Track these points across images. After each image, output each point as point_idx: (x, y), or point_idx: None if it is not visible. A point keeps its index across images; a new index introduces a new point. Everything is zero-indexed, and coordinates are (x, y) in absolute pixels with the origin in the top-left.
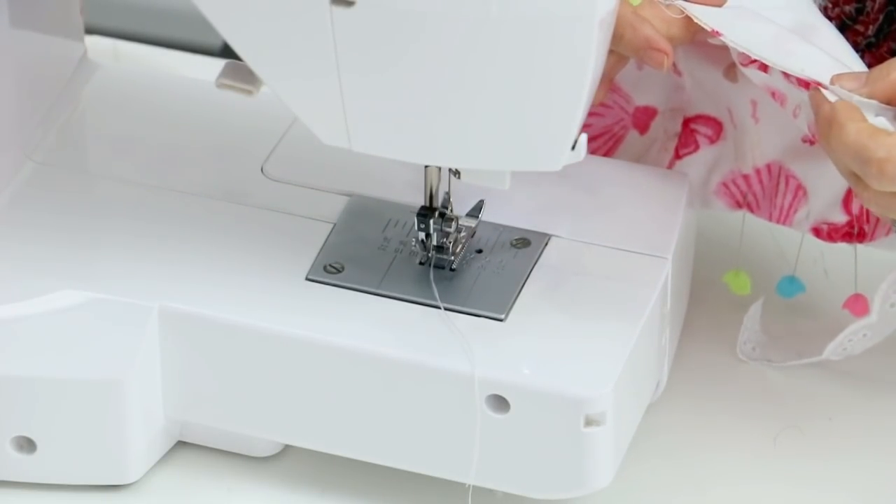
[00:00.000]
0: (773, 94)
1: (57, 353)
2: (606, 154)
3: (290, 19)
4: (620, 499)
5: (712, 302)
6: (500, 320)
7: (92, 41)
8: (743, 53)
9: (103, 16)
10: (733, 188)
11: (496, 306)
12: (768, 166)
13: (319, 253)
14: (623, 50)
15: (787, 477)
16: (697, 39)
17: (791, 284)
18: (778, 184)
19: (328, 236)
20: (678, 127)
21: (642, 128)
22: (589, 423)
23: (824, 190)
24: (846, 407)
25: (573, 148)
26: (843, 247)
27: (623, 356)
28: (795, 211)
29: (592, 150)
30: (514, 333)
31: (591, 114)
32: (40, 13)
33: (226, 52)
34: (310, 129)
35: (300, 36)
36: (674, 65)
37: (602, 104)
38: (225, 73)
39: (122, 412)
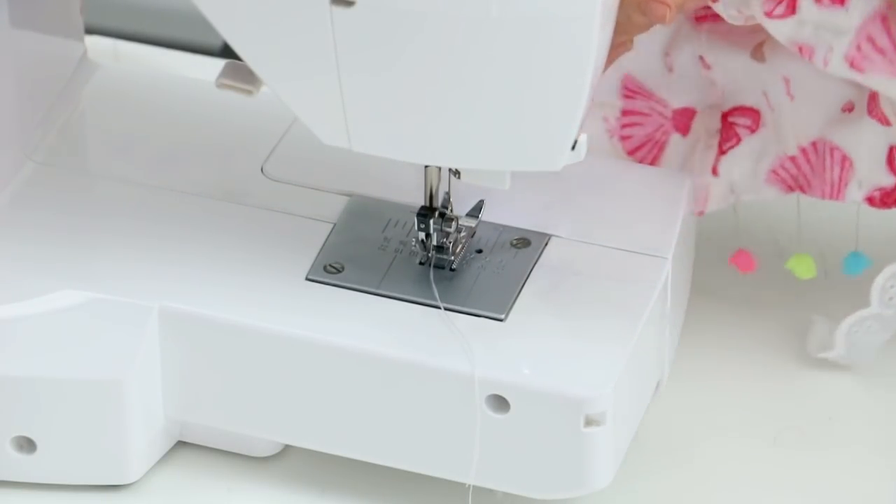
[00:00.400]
0: (800, 50)
1: (57, 353)
2: (653, 161)
3: (290, 19)
4: (620, 499)
5: (712, 302)
6: (500, 320)
7: (92, 41)
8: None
9: (103, 16)
10: (783, 173)
11: (496, 306)
12: (813, 144)
13: (319, 253)
14: (625, 6)
15: (787, 477)
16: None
17: (857, 260)
18: (825, 159)
19: (328, 236)
20: (718, 123)
21: (684, 130)
22: (589, 423)
23: (866, 154)
24: (846, 407)
25: (573, 148)
26: (842, 247)
27: (623, 356)
28: (846, 184)
29: (639, 160)
30: (514, 333)
31: (630, 125)
32: (40, 13)
33: (226, 52)
34: (310, 129)
35: (300, 36)
36: (701, 58)
37: (640, 112)
38: (225, 73)
39: (122, 412)
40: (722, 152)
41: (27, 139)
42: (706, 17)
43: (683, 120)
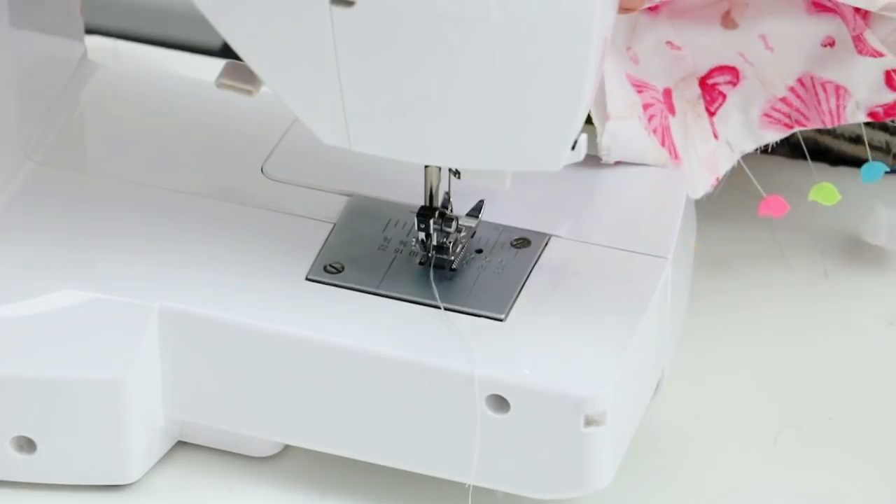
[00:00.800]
0: None
1: (57, 353)
2: (674, 147)
3: (290, 19)
4: (620, 499)
5: (712, 302)
6: (500, 320)
7: (92, 41)
8: None
9: (103, 16)
10: (776, 114)
11: (496, 306)
12: (800, 80)
13: (319, 253)
14: None
15: (788, 477)
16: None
17: (873, 168)
18: (816, 93)
19: (328, 236)
20: (696, 90)
21: (671, 110)
22: (589, 423)
23: (862, 80)
24: (846, 407)
25: (573, 148)
26: (842, 247)
27: (623, 356)
28: (844, 108)
29: (669, 151)
30: (514, 333)
31: (650, 117)
32: (40, 13)
33: (226, 52)
34: (310, 129)
35: (300, 36)
36: (669, 43)
37: (649, 104)
38: (225, 73)
39: (122, 412)
40: (712, 114)
41: (27, 139)
42: (658, 7)
43: (668, 101)
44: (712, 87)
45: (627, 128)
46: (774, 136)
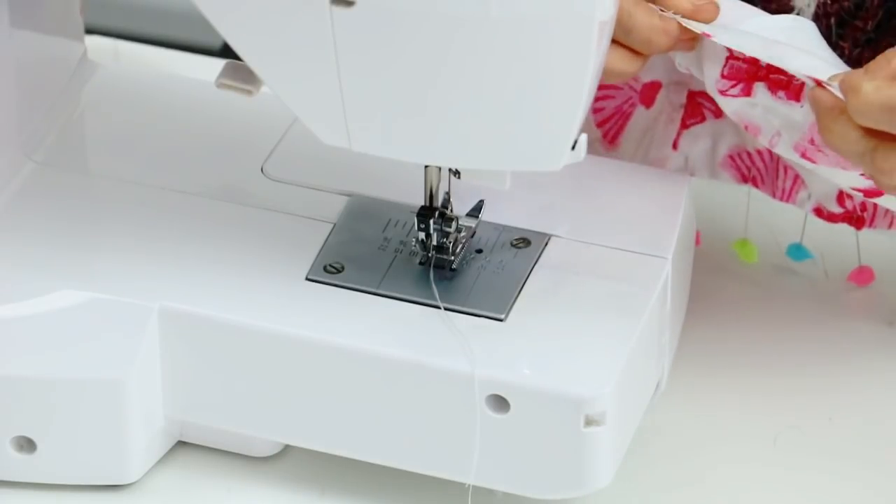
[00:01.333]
0: (746, 127)
1: (57, 353)
2: (617, 133)
3: (290, 19)
4: (620, 499)
5: (712, 302)
6: (500, 320)
7: (92, 41)
8: (722, 70)
9: (103, 16)
10: (739, 162)
11: (496, 306)
12: (769, 149)
13: (319, 253)
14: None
15: (788, 477)
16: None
17: (799, 251)
18: (778, 168)
19: (328, 236)
20: (683, 98)
21: (648, 102)
22: (589, 423)
23: (819, 185)
24: (846, 407)
25: (573, 148)
26: (842, 247)
27: (623, 356)
28: (797, 192)
29: (605, 133)
30: (514, 333)
31: (604, 97)
32: (40, 13)
33: (226, 52)
34: (310, 129)
35: (300, 36)
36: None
37: (613, 86)
38: (225, 73)
39: (122, 412)
40: (685, 126)
41: (27, 139)
42: None
43: (649, 93)
44: (699, 104)
45: None
46: (728, 179)
